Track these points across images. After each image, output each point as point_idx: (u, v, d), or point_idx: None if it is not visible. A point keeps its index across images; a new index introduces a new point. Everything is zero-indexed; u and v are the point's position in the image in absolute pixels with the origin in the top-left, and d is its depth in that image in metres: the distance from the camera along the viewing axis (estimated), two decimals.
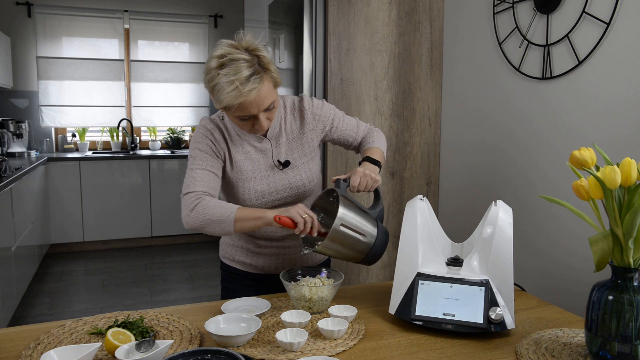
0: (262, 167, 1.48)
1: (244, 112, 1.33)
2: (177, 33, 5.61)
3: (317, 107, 1.54)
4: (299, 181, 1.51)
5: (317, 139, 1.55)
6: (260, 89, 1.30)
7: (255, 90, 1.29)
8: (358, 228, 1.35)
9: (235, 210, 1.34)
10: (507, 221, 1.30)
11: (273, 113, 1.40)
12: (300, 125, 1.53)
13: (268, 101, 1.34)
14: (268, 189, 1.48)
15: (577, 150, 1.08)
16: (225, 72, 1.27)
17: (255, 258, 1.59)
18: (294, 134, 1.52)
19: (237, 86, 1.27)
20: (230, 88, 1.27)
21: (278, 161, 1.49)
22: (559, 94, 1.96)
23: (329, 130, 1.56)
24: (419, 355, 1.13)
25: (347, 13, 2.45)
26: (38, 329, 1.25)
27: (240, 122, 1.38)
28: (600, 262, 1.04)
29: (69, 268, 4.57)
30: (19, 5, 5.05)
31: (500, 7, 2.23)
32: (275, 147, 1.50)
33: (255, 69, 1.29)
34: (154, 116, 5.63)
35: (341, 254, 1.38)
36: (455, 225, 2.60)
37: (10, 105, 5.11)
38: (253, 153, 1.49)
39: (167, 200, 5.23)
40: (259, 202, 1.48)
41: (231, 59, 1.29)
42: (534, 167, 2.10)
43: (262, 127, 1.38)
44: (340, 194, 1.36)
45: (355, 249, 1.37)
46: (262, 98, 1.32)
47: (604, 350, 1.05)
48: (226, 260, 1.65)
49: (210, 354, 0.98)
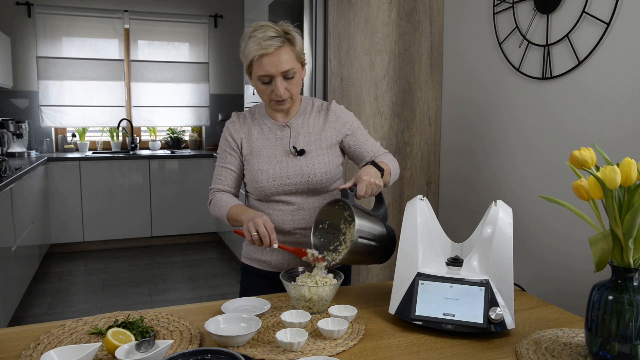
0: (277, 152, 1.57)
1: (263, 71, 1.45)
2: (177, 33, 5.61)
3: (341, 110, 1.65)
4: (311, 170, 1.56)
5: (335, 137, 1.62)
6: (281, 50, 1.45)
7: (275, 46, 1.43)
8: (373, 235, 1.42)
9: (227, 210, 1.54)
10: (507, 221, 1.30)
11: (293, 85, 1.50)
12: (322, 122, 1.62)
13: (287, 65, 1.45)
14: (280, 172, 1.55)
15: (577, 150, 1.08)
16: (254, 34, 1.46)
17: (270, 255, 1.64)
18: (315, 129, 1.61)
19: (260, 41, 1.44)
20: (254, 43, 1.45)
21: (294, 147, 1.57)
22: (559, 94, 1.96)
23: (349, 134, 1.64)
24: (419, 355, 1.13)
25: (347, 13, 2.45)
26: (38, 329, 1.25)
27: (262, 86, 1.50)
28: (600, 262, 1.04)
29: (69, 268, 4.57)
30: (19, 5, 5.05)
31: (500, 7, 2.23)
32: (294, 136, 1.59)
33: (279, 35, 1.46)
34: (154, 116, 5.63)
35: (357, 262, 1.47)
36: (455, 225, 2.60)
37: (10, 105, 5.11)
38: (272, 138, 1.59)
39: (167, 200, 5.23)
40: (269, 184, 1.55)
41: (262, 26, 1.47)
42: (534, 167, 2.10)
43: (280, 94, 1.48)
44: (351, 204, 1.41)
45: (371, 255, 1.45)
46: (281, 59, 1.45)
47: (604, 350, 1.05)
48: (245, 260, 1.71)
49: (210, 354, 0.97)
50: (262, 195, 1.58)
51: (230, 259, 4.84)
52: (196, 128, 5.95)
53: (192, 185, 5.31)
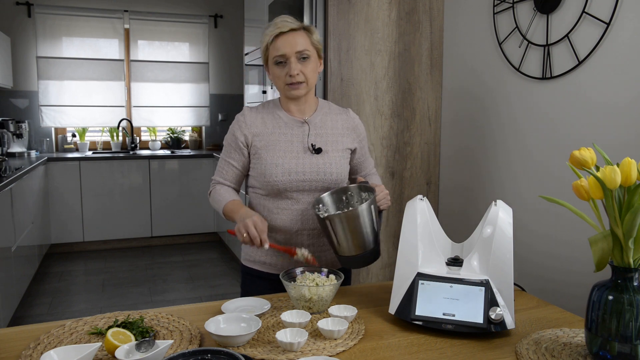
0: (294, 148, 1.57)
1: (279, 52, 1.49)
2: (177, 33, 5.61)
3: (359, 121, 1.70)
4: (327, 169, 1.57)
5: (350, 144, 1.65)
6: (296, 33, 1.50)
7: (290, 25, 1.50)
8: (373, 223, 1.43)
9: (223, 205, 1.56)
10: (507, 221, 1.30)
11: (307, 68, 1.52)
12: (341, 126, 1.65)
13: (302, 46, 1.50)
14: (295, 168, 1.56)
15: (577, 150, 1.08)
16: (273, 22, 1.53)
17: (274, 257, 1.63)
18: (332, 130, 1.63)
19: (277, 23, 1.51)
20: (271, 27, 1.52)
21: (312, 145, 1.57)
22: (559, 94, 1.96)
23: (358, 147, 1.68)
24: (419, 355, 1.13)
25: (347, 13, 2.45)
26: (38, 329, 1.25)
27: (277, 70, 1.53)
28: (600, 262, 1.04)
29: (69, 268, 4.57)
30: (19, 5, 5.05)
31: (500, 7, 2.23)
32: (312, 134, 1.59)
33: (297, 23, 1.52)
34: (154, 116, 5.63)
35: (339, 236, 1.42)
36: (455, 225, 2.60)
37: (10, 105, 5.11)
38: (289, 134, 1.59)
39: (167, 200, 5.23)
40: (284, 179, 1.54)
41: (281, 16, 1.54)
42: (534, 167, 2.10)
43: (293, 73, 1.49)
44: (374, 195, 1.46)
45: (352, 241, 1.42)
46: (296, 40, 1.49)
47: (604, 350, 1.05)
48: (247, 262, 1.70)
49: (210, 354, 0.97)
50: (273, 190, 1.56)
51: (230, 259, 4.84)
52: (196, 128, 5.95)
53: (192, 185, 5.31)
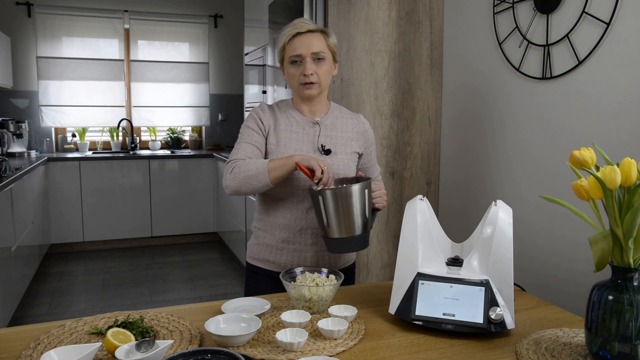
0: (304, 147, 1.60)
1: (295, 52, 1.53)
2: (177, 33, 5.61)
3: (369, 127, 1.72)
4: (336, 170, 1.60)
5: (358, 149, 1.67)
6: (313, 34, 1.53)
7: (308, 26, 1.53)
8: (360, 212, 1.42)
9: (267, 162, 1.48)
10: (507, 221, 1.30)
11: (322, 70, 1.55)
12: (351, 130, 1.67)
13: (317, 47, 1.53)
14: None
15: (577, 150, 1.08)
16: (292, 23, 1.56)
17: (278, 255, 1.64)
18: (343, 133, 1.65)
19: (295, 24, 1.54)
20: (289, 27, 1.55)
21: (322, 145, 1.60)
22: (559, 94, 1.96)
23: (365, 153, 1.70)
24: (419, 355, 1.13)
25: (347, 13, 2.45)
26: (38, 329, 1.25)
27: (292, 69, 1.56)
28: (600, 262, 1.04)
29: (69, 268, 4.57)
30: (19, 5, 5.05)
31: (500, 7, 2.23)
32: (323, 135, 1.62)
33: (315, 25, 1.55)
34: (154, 116, 5.63)
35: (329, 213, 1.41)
36: (455, 225, 2.60)
37: (10, 105, 5.11)
38: (300, 133, 1.61)
39: (167, 200, 5.23)
40: (292, 176, 1.56)
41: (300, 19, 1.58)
42: (534, 167, 2.10)
43: (308, 73, 1.52)
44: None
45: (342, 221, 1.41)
46: (313, 41, 1.53)
47: (604, 350, 1.05)
48: (252, 260, 1.71)
49: (210, 354, 0.97)
50: (280, 187, 1.57)
51: (230, 259, 4.84)
52: (196, 128, 5.95)
53: (192, 185, 5.31)
